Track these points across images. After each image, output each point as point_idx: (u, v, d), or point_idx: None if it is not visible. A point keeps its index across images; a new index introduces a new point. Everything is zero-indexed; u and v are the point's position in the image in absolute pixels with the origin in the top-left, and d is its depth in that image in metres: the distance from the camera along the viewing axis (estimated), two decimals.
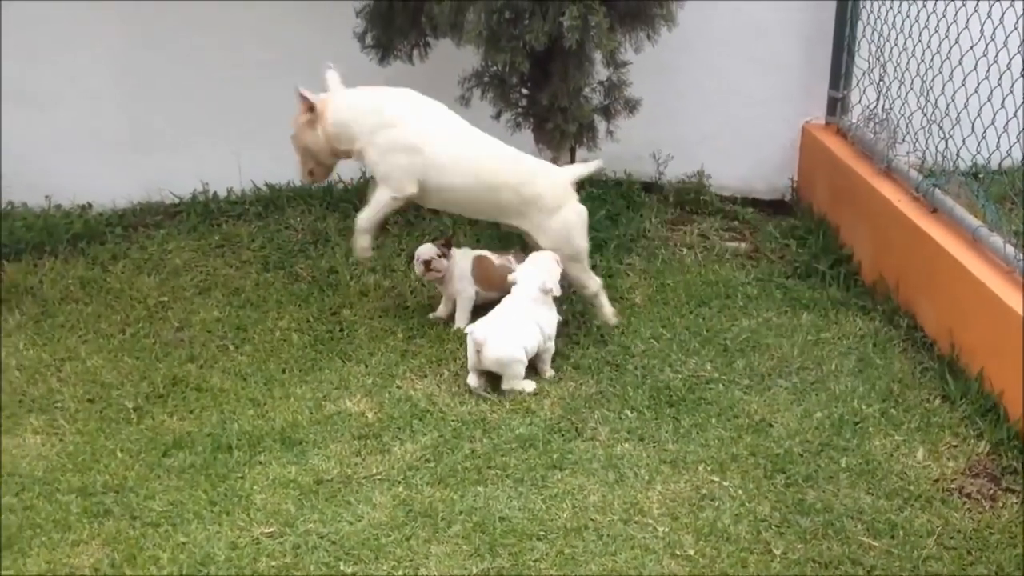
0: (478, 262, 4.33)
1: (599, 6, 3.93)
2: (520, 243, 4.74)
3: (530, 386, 3.87)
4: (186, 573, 3.01)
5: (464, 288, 4.30)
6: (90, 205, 5.15)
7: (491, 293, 4.26)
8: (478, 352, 3.82)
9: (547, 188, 4.14)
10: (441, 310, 4.43)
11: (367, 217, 4.22)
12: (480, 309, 4.20)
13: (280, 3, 5.10)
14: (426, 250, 4.32)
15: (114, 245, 4.90)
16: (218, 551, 3.09)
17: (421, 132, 4.08)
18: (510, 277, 4.05)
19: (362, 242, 4.26)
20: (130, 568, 3.03)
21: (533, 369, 3.97)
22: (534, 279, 4.01)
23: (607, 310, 4.30)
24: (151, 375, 3.97)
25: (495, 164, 4.14)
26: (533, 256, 4.13)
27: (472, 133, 4.18)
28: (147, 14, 5.06)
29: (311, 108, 4.15)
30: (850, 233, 4.85)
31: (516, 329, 3.89)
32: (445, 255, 4.30)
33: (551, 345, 4.01)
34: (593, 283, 4.27)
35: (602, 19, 3.93)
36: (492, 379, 3.90)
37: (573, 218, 4.19)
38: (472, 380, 3.88)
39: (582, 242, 4.22)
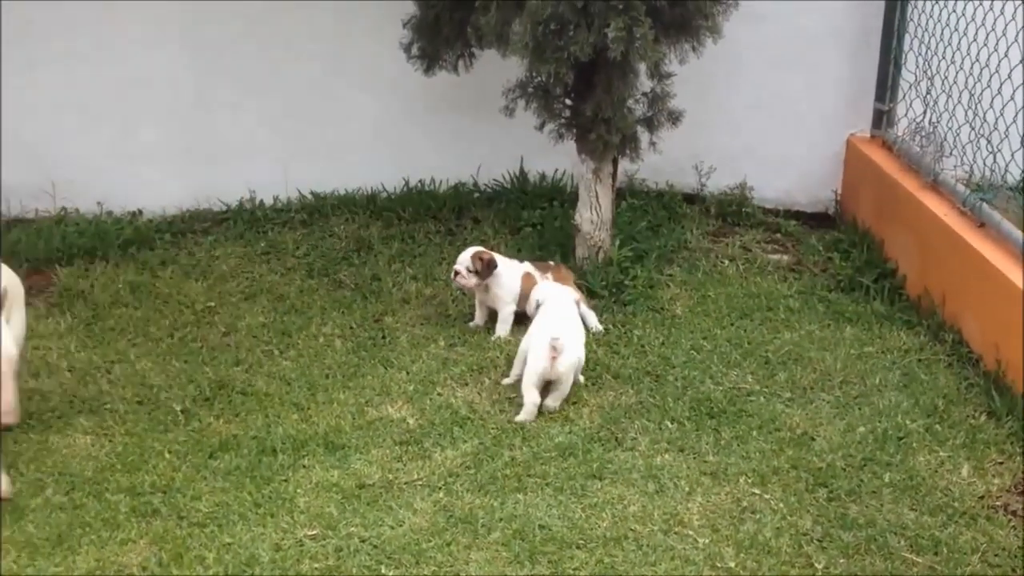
0: (525, 280, 4.36)
1: (644, 17, 3.94)
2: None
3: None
4: (231, 573, 3.06)
5: (508, 304, 4.34)
6: (140, 212, 5.26)
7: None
8: (554, 358, 3.76)
9: None
10: (478, 318, 4.46)
11: None
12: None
13: (328, 17, 5.18)
14: (464, 259, 4.34)
15: (163, 251, 5.00)
16: (262, 552, 3.13)
17: None
18: (536, 298, 4.07)
19: None
20: (177, 567, 3.08)
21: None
22: (567, 294, 4.09)
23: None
24: (198, 378, 4.04)
25: None
26: (548, 283, 4.22)
27: None
28: (199, 29, 5.17)
29: None
30: (895, 247, 4.81)
31: (579, 337, 3.93)
32: (479, 271, 4.31)
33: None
34: None
35: (647, 30, 3.94)
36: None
37: None
38: (535, 396, 3.78)
39: None
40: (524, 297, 4.29)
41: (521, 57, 4.13)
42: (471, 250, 4.39)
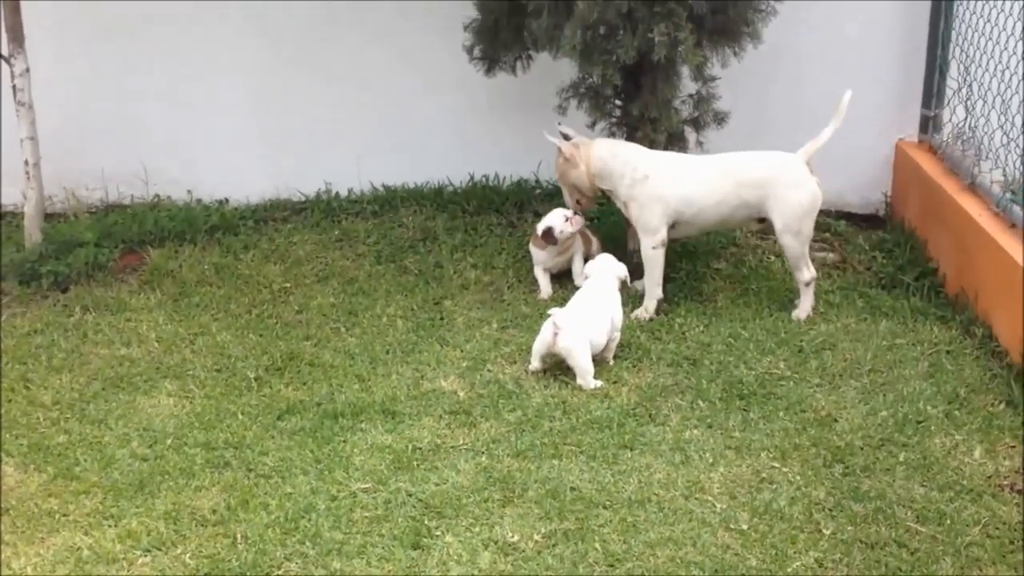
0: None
1: (686, 23, 4.20)
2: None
3: (596, 383, 4.14)
4: (291, 518, 3.41)
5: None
6: (227, 200, 5.70)
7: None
8: (555, 334, 4.12)
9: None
10: (545, 291, 4.89)
11: None
12: None
13: (400, 18, 5.54)
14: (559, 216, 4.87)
15: (246, 236, 5.42)
16: (319, 502, 3.49)
17: None
18: (586, 269, 4.47)
19: None
20: (243, 512, 3.45)
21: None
22: (610, 272, 4.37)
23: None
24: (271, 350, 4.43)
25: None
26: (601, 256, 4.58)
27: None
28: (281, 29, 5.59)
29: None
30: (937, 247, 4.96)
31: (590, 322, 4.21)
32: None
33: (618, 335, 4.32)
34: None
35: (689, 35, 4.19)
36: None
37: None
38: (536, 365, 4.20)
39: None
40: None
41: (571, 59, 4.41)
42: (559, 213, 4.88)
